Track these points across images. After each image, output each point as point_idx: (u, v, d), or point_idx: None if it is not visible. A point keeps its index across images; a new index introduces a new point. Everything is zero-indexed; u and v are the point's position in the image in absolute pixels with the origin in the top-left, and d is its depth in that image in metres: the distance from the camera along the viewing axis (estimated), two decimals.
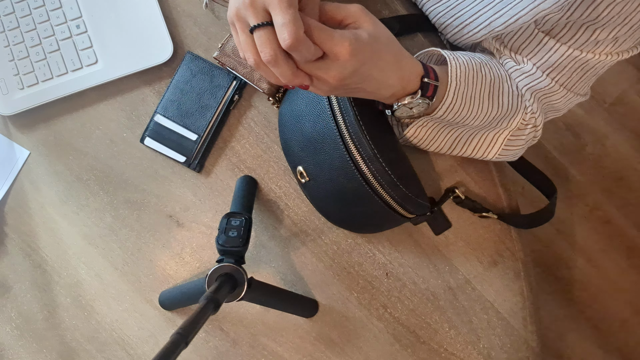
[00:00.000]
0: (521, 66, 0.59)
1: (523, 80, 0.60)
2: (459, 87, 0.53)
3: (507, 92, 0.58)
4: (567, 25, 0.54)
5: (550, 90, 0.59)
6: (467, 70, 0.54)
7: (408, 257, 0.68)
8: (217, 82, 0.67)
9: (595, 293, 1.46)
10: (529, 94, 0.60)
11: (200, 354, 0.68)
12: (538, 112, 0.61)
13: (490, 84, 0.57)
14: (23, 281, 0.70)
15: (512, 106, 0.59)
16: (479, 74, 0.56)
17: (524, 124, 0.61)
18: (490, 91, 0.57)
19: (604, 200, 1.48)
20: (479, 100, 0.56)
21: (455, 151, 0.63)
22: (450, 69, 0.53)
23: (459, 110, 0.55)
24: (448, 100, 0.53)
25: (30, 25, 0.69)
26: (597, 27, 0.52)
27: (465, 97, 0.54)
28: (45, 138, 0.71)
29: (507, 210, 0.68)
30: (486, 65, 0.58)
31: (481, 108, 0.56)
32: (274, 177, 0.69)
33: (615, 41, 0.54)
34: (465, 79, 0.54)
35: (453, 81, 0.53)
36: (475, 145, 0.62)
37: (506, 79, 0.59)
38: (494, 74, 0.58)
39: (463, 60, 0.55)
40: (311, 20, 0.41)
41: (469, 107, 0.55)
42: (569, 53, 0.55)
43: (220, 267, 0.54)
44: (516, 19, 0.54)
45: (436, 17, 0.64)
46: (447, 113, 0.54)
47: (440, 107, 0.54)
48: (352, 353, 0.68)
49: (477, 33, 0.60)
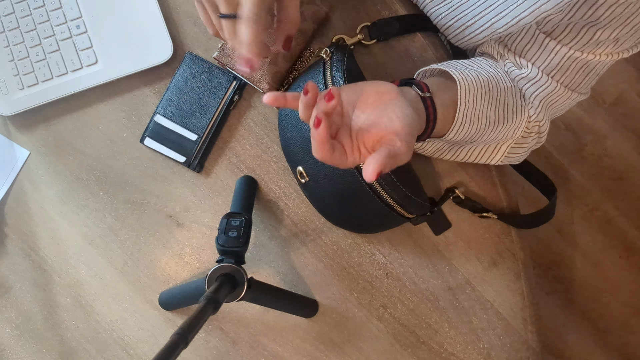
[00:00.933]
0: (526, 72, 0.59)
1: (530, 88, 0.60)
2: (468, 108, 0.53)
3: (511, 104, 0.58)
4: (569, 26, 0.54)
5: (557, 94, 0.59)
6: (475, 89, 0.54)
7: (408, 257, 0.68)
8: (217, 82, 0.67)
9: (595, 293, 1.46)
10: (537, 101, 0.60)
11: (200, 354, 0.68)
12: (544, 119, 0.61)
13: (497, 98, 0.56)
14: (23, 281, 0.70)
15: (516, 117, 0.59)
16: (487, 91, 0.55)
17: (527, 132, 0.61)
18: (496, 105, 0.56)
19: (604, 200, 1.48)
20: (485, 114, 0.55)
21: (459, 159, 0.63)
22: (460, 91, 0.53)
23: (469, 130, 0.54)
24: (459, 122, 0.53)
25: (30, 25, 0.69)
26: (599, 28, 0.52)
27: (474, 116, 0.54)
28: (45, 138, 0.71)
29: (507, 210, 0.68)
30: (493, 78, 0.57)
31: (488, 123, 0.56)
32: (274, 177, 0.69)
33: (616, 42, 0.54)
34: (474, 99, 0.54)
35: (462, 103, 0.52)
36: (479, 153, 0.62)
37: (512, 91, 0.59)
38: (500, 88, 0.57)
39: (472, 80, 0.54)
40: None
41: (478, 125, 0.55)
42: (570, 54, 0.55)
43: (220, 267, 0.54)
44: (518, 20, 0.54)
45: (438, 19, 0.64)
46: (458, 134, 0.54)
47: (451, 131, 0.53)
48: (352, 353, 0.68)
49: (478, 34, 0.60)
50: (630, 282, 1.46)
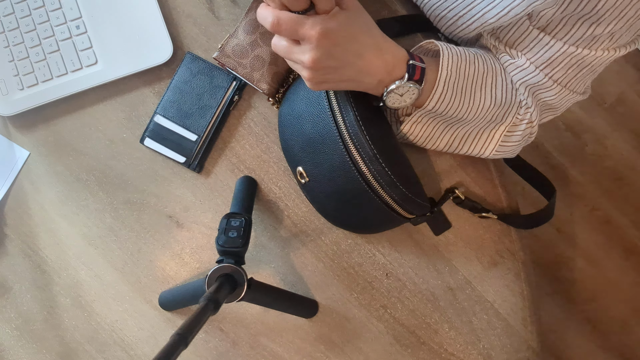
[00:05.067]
0: (515, 60, 0.59)
1: (517, 74, 0.60)
2: (450, 77, 0.54)
3: (501, 85, 0.59)
4: (563, 20, 0.54)
5: (544, 86, 0.59)
6: (460, 60, 0.55)
7: (408, 258, 0.68)
8: (217, 82, 0.67)
9: (595, 293, 1.46)
10: (522, 87, 0.60)
11: (200, 354, 0.68)
12: (533, 107, 0.61)
13: (484, 75, 0.57)
14: (23, 282, 0.70)
15: (507, 100, 0.59)
16: (471, 65, 0.56)
17: (519, 119, 0.61)
18: (484, 83, 0.57)
19: (604, 200, 1.48)
20: (470, 92, 0.56)
21: (452, 148, 0.63)
22: (442, 59, 0.54)
23: (451, 102, 0.55)
24: (439, 90, 0.53)
25: (30, 25, 0.69)
26: (593, 21, 0.52)
27: (457, 88, 0.55)
28: (45, 138, 0.71)
29: (507, 210, 0.68)
30: (480, 57, 0.58)
31: (473, 100, 0.56)
32: (274, 177, 0.69)
33: (612, 36, 0.54)
34: (457, 69, 0.54)
35: (444, 70, 0.53)
36: (472, 142, 0.62)
37: (500, 72, 0.59)
38: (487, 66, 0.58)
39: (456, 51, 0.55)
40: (282, 12, 0.46)
41: (461, 99, 0.55)
42: (564, 49, 0.55)
43: (220, 267, 0.54)
44: (508, 11, 0.54)
45: (431, 10, 0.64)
46: (439, 104, 0.55)
47: (432, 98, 0.54)
48: (352, 353, 0.68)
49: (470, 25, 0.60)
50: (630, 282, 1.46)
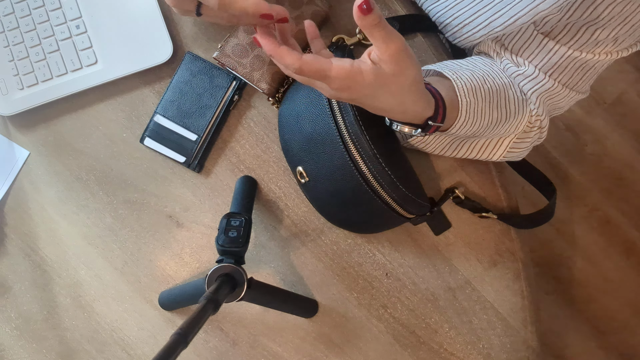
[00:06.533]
0: (523, 69, 0.59)
1: (527, 84, 0.60)
2: (470, 104, 0.53)
3: (512, 99, 0.58)
4: (567, 26, 0.54)
5: (555, 91, 0.59)
6: (473, 86, 0.54)
7: (408, 258, 0.68)
8: (217, 82, 0.67)
9: (595, 293, 1.46)
10: (534, 97, 0.60)
11: (200, 354, 0.68)
12: (544, 114, 0.61)
13: (497, 94, 0.56)
14: (23, 281, 0.70)
15: (519, 111, 0.59)
16: (484, 87, 0.55)
17: (530, 126, 0.61)
18: (498, 101, 0.56)
19: (604, 200, 1.48)
20: (488, 112, 0.55)
21: (460, 154, 0.63)
22: (457, 89, 0.53)
23: (472, 126, 0.54)
24: (461, 118, 0.53)
25: (30, 25, 0.69)
26: (597, 27, 0.52)
27: (477, 112, 0.54)
28: (45, 138, 0.71)
29: (507, 210, 0.68)
30: (489, 76, 0.57)
31: (491, 119, 0.56)
32: (274, 177, 0.69)
33: (615, 41, 0.54)
34: (474, 95, 0.54)
35: (463, 98, 0.52)
36: (480, 148, 0.62)
37: (510, 86, 0.59)
38: (497, 84, 0.57)
39: (467, 78, 0.54)
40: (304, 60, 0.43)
41: (480, 121, 0.55)
42: (569, 54, 0.55)
43: (220, 267, 0.54)
44: (515, 19, 0.54)
45: (436, 16, 0.64)
46: (461, 129, 0.54)
47: (454, 125, 0.53)
48: (352, 353, 0.68)
49: (476, 33, 0.60)
50: (630, 282, 1.46)
